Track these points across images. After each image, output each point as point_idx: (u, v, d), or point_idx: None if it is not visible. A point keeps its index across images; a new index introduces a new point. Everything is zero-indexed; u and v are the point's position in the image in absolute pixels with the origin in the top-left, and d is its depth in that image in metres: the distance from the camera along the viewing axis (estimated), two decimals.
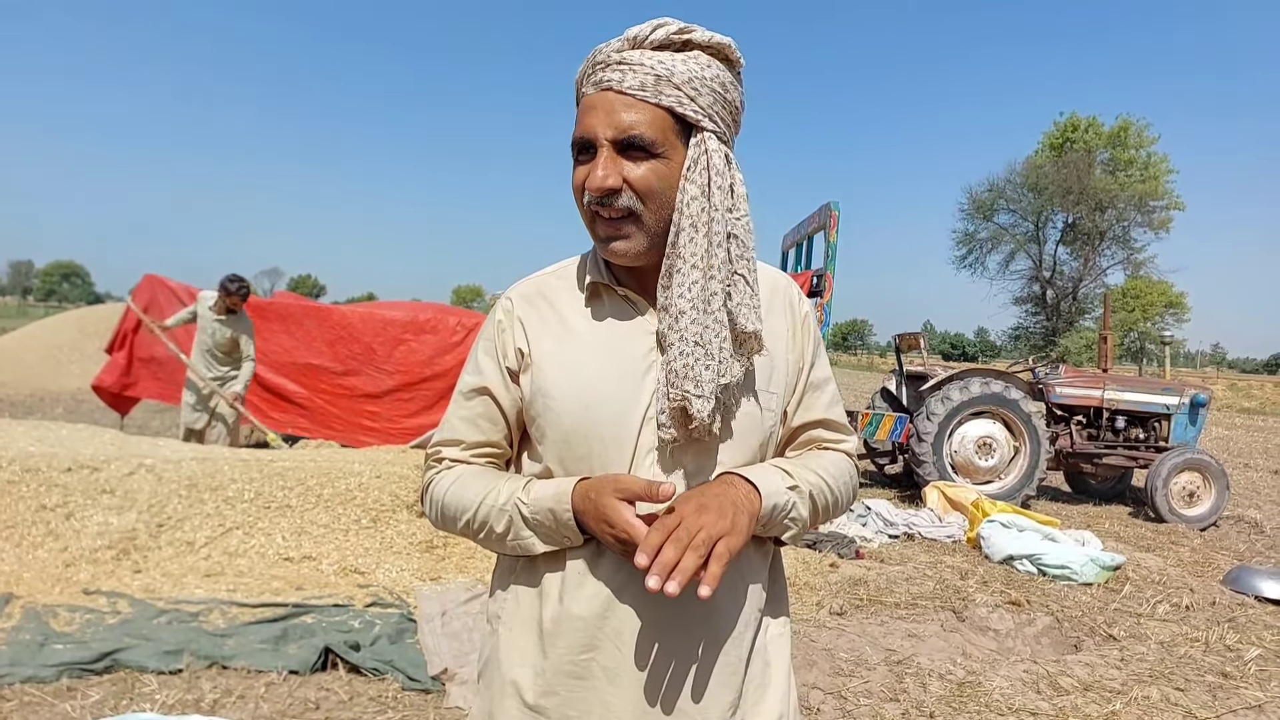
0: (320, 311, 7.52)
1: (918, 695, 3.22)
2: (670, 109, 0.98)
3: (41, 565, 3.53)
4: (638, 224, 1.00)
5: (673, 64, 0.98)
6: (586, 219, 1.03)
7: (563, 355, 1.05)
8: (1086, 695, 3.27)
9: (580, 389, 1.02)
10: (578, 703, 1.02)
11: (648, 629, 1.00)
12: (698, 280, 1.00)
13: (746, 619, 1.06)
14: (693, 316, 0.99)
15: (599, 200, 0.99)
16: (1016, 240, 40.29)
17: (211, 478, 4.12)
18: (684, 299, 0.99)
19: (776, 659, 1.11)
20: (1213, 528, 7.19)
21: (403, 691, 2.93)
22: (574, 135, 1.02)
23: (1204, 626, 4.15)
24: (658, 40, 0.99)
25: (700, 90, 0.99)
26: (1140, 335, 35.98)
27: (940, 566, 5.07)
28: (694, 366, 0.98)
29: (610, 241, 1.01)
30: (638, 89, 0.97)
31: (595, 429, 1.01)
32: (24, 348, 13.87)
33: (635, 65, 0.98)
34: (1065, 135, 40.28)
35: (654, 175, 0.99)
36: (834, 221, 5.88)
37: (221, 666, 2.98)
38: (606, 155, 0.98)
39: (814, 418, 1.15)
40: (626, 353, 1.04)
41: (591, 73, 1.01)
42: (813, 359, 1.15)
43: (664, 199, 1.00)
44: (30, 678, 2.79)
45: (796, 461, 1.10)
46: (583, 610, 1.01)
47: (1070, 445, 7.84)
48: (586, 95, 1.01)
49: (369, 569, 3.92)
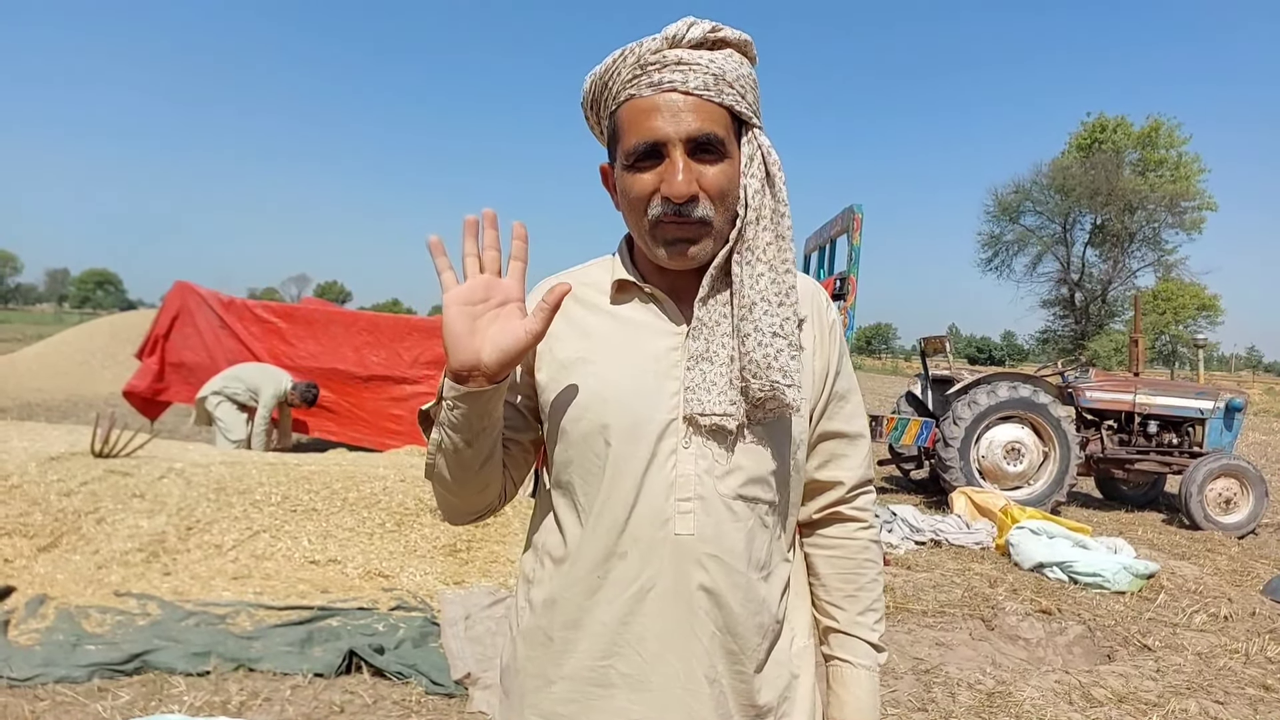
0: (346, 317, 7.60)
1: (946, 705, 3.17)
2: (730, 108, 0.97)
3: (74, 568, 3.59)
4: (708, 228, 0.98)
5: (722, 63, 0.96)
6: (645, 225, 0.98)
7: (584, 352, 1.04)
8: (1121, 707, 3.19)
9: (601, 387, 1.01)
10: (597, 711, 1.00)
11: (670, 636, 0.98)
12: (764, 274, 0.99)
13: (768, 629, 1.04)
14: (765, 308, 0.98)
15: (678, 209, 0.95)
16: (1043, 242, 39.75)
17: (239, 481, 4.16)
18: (754, 291, 0.98)
19: (804, 671, 1.09)
20: (1251, 535, 7.02)
21: (426, 695, 2.94)
22: (631, 140, 0.96)
23: (1243, 637, 4.05)
24: (694, 39, 0.97)
25: (746, 88, 0.98)
26: (1172, 338, 35.31)
27: (968, 574, 4.99)
28: (778, 356, 0.97)
29: (682, 245, 0.97)
30: (703, 89, 0.94)
31: (614, 428, 0.99)
32: (59, 354, 14.18)
33: (694, 65, 0.95)
34: (1093, 136, 39.64)
35: (724, 177, 0.97)
36: (857, 224, 5.83)
37: (248, 669, 3.00)
38: (683, 159, 0.94)
39: (833, 429, 1.13)
40: (650, 351, 1.02)
41: (641, 74, 0.96)
42: (838, 368, 1.13)
43: (731, 200, 0.99)
44: (63, 678, 2.84)
45: (855, 616, 1.13)
46: (604, 616, 0.99)
47: (1101, 450, 7.70)
48: (640, 97, 0.96)
49: (393, 572, 3.93)
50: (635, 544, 0.98)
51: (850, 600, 1.13)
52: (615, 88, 0.98)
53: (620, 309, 1.06)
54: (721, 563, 0.98)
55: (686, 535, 0.97)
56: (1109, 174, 36.22)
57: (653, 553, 0.97)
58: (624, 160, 0.98)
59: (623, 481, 0.98)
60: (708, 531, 0.98)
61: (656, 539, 0.97)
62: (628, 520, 0.98)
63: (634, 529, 0.98)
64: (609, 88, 0.99)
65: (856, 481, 1.14)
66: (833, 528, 1.15)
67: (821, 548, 1.15)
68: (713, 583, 0.98)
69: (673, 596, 0.97)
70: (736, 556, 0.99)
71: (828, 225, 6.58)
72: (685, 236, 0.97)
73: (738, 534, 0.99)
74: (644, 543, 0.98)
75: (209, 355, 7.18)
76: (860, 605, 1.13)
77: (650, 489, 0.98)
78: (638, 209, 0.98)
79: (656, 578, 0.97)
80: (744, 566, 1.00)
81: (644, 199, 0.97)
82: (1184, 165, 37.36)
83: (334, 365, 7.26)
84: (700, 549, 0.97)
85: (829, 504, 1.14)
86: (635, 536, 0.98)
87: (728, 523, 0.98)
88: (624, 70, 0.97)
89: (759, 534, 1.02)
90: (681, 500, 0.98)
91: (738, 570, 0.99)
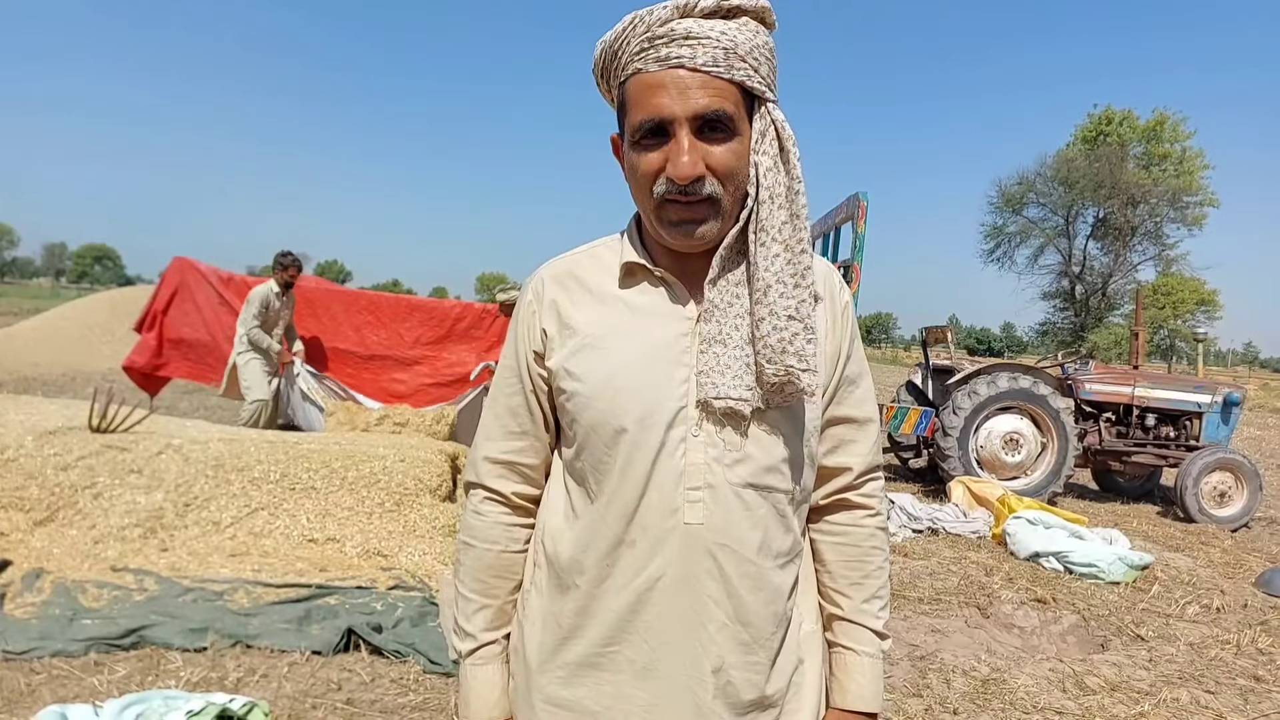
0: (347, 296, 7.56)
1: (941, 691, 3.18)
2: (741, 84, 0.94)
3: (71, 542, 3.58)
4: (716, 208, 0.96)
5: (735, 34, 0.93)
6: (652, 204, 0.97)
7: (594, 339, 1.02)
8: (1114, 695, 3.21)
9: (611, 374, 0.99)
10: (603, 697, 1.00)
11: (677, 625, 0.97)
12: (779, 254, 0.96)
13: (779, 615, 1.03)
14: (780, 290, 0.95)
15: (683, 189, 0.93)
16: (1046, 234, 39.61)
17: (238, 458, 4.16)
18: (769, 273, 0.96)
19: (810, 657, 1.08)
20: (1244, 529, 7.04)
21: (424, 674, 2.94)
22: (637, 117, 0.94)
23: (1235, 629, 4.07)
24: (708, 7, 0.93)
25: (760, 60, 0.95)
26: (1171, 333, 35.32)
27: (965, 562, 5.01)
28: (794, 340, 0.95)
29: (688, 226, 0.96)
30: (711, 65, 0.91)
31: (625, 414, 0.98)
32: (57, 329, 14.12)
33: (703, 39, 0.91)
34: (1099, 128, 39.44)
35: (732, 155, 0.94)
36: (862, 212, 5.79)
37: (245, 645, 3.01)
38: (689, 139, 0.92)
39: (843, 414, 1.11)
40: (660, 337, 1.01)
41: (649, 47, 0.93)
42: (849, 351, 1.11)
43: (740, 178, 0.96)
44: (59, 652, 2.84)
45: (860, 603, 1.12)
46: (612, 603, 0.99)
47: (1099, 442, 7.71)
48: (647, 72, 0.93)
49: (392, 552, 3.94)
50: (644, 533, 0.97)
51: (855, 588, 1.12)
52: (624, 58, 0.96)
53: (629, 293, 1.04)
54: (731, 552, 0.97)
55: (696, 524, 0.96)
56: (1113, 167, 36.06)
57: (662, 542, 0.97)
58: (630, 136, 0.97)
59: (633, 470, 0.97)
60: (717, 521, 0.97)
61: (665, 528, 0.97)
62: (637, 509, 0.97)
63: (643, 518, 0.97)
64: (618, 57, 0.97)
65: (865, 468, 1.13)
66: (839, 514, 1.14)
67: (827, 534, 1.14)
68: (722, 572, 0.97)
69: (681, 585, 0.97)
70: (747, 545, 0.98)
71: (832, 212, 6.54)
72: (691, 218, 0.95)
73: (748, 523, 0.98)
74: (653, 531, 0.97)
75: (208, 332, 7.13)
76: (865, 593, 1.12)
77: (660, 478, 0.97)
78: (644, 186, 0.97)
79: (666, 566, 0.97)
80: (755, 555, 0.99)
81: (650, 177, 0.95)
82: (1188, 160, 37.21)
83: (334, 344, 7.22)
84: (710, 538, 0.96)
85: (836, 490, 1.13)
86: (644, 525, 0.97)
87: (738, 511, 0.97)
88: (633, 41, 0.95)
89: (772, 522, 1.00)
90: (691, 489, 0.96)
91: (748, 559, 0.98)
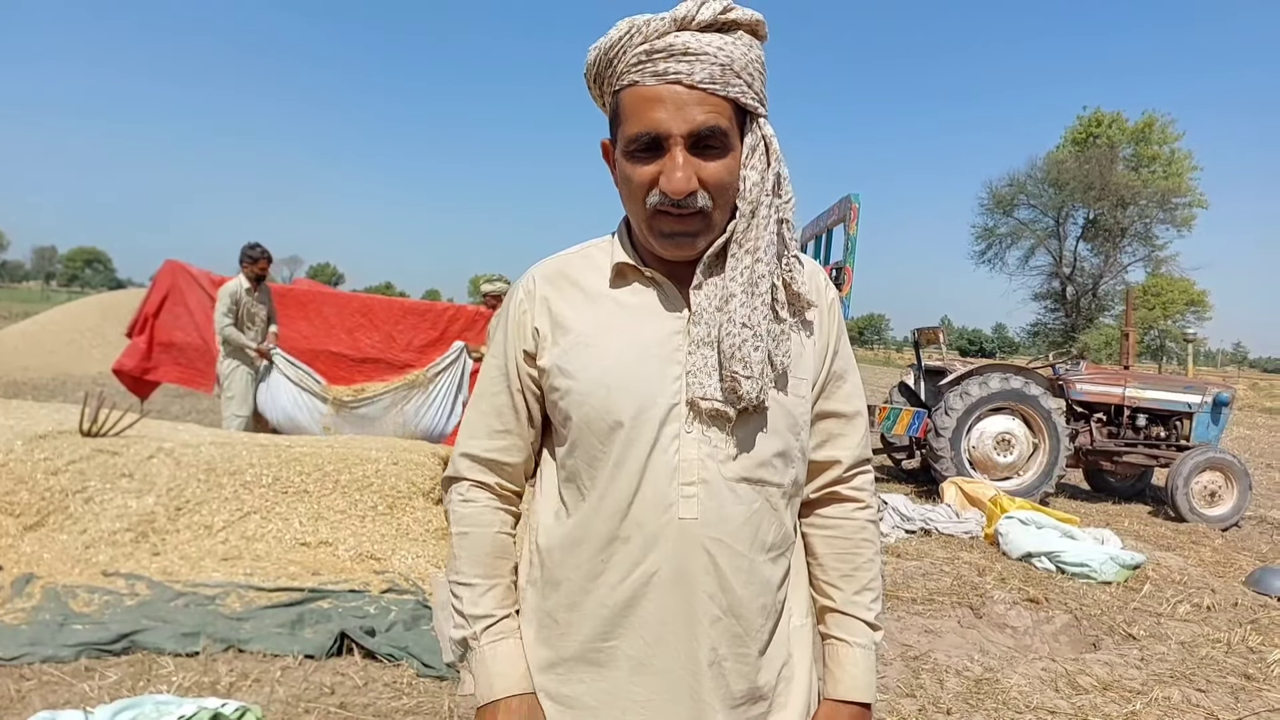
0: (340, 299, 7.55)
1: (934, 691, 3.19)
2: (735, 100, 0.95)
3: (61, 547, 3.56)
4: (707, 221, 0.97)
5: (731, 50, 0.94)
6: (645, 214, 0.98)
7: (586, 337, 1.03)
8: (1106, 694, 3.23)
9: (604, 372, 1.00)
10: (600, 692, 1.01)
11: (672, 619, 0.98)
12: (748, 265, 0.98)
13: (771, 609, 1.04)
14: (741, 299, 0.97)
15: (675, 203, 0.94)
16: (1037, 236, 39.86)
17: (229, 462, 4.14)
18: (735, 282, 0.98)
19: (799, 650, 1.09)
20: (1234, 528, 7.09)
21: (418, 678, 2.94)
22: (632, 129, 0.95)
23: (1226, 628, 4.09)
24: (705, 20, 0.94)
25: (754, 75, 0.96)
26: (1161, 333, 35.54)
27: (957, 562, 5.02)
28: (741, 347, 0.96)
29: (680, 238, 0.98)
30: (708, 82, 0.93)
31: (620, 409, 0.99)
32: (47, 332, 14.05)
33: (701, 55, 0.93)
34: (1088, 130, 39.74)
35: (725, 170, 0.96)
36: (854, 214, 5.81)
37: (238, 650, 2.99)
38: (683, 155, 0.93)
39: (830, 408, 1.12)
40: (652, 336, 1.02)
41: (646, 60, 0.94)
42: (836, 347, 1.12)
43: (731, 192, 0.98)
44: (50, 657, 2.82)
45: (851, 595, 1.12)
46: (607, 599, 1.00)
47: (1090, 442, 7.75)
48: (643, 85, 0.94)
49: (385, 555, 3.93)
50: (639, 528, 0.98)
51: (847, 580, 1.13)
52: (620, 68, 0.97)
53: (620, 293, 1.05)
54: (725, 546, 0.98)
55: (690, 519, 0.97)
56: (1103, 168, 36.35)
57: (656, 537, 0.97)
58: (624, 147, 0.98)
59: (626, 466, 0.98)
60: (711, 515, 0.98)
61: (660, 523, 0.97)
62: (631, 505, 0.98)
63: (637, 513, 0.98)
64: (613, 65, 0.97)
65: (853, 461, 1.14)
66: (830, 507, 1.15)
67: (818, 527, 1.15)
68: (716, 567, 0.98)
69: (676, 580, 0.98)
70: (740, 540, 0.99)
71: (824, 214, 6.56)
72: (683, 230, 0.97)
73: (742, 517, 0.99)
74: (647, 527, 0.98)
75: (199, 335, 7.10)
76: (856, 585, 1.13)
77: (653, 474, 0.98)
78: (637, 197, 0.98)
79: (660, 562, 0.97)
80: (748, 549, 1.00)
81: (644, 188, 0.96)
82: (1177, 162, 37.53)
83: (326, 347, 7.20)
84: (704, 533, 0.97)
85: (826, 484, 1.14)
86: (639, 521, 0.98)
87: (731, 506, 0.98)
88: (629, 52, 0.95)
89: (765, 516, 1.02)
90: (685, 485, 0.97)
91: (741, 553, 0.99)
